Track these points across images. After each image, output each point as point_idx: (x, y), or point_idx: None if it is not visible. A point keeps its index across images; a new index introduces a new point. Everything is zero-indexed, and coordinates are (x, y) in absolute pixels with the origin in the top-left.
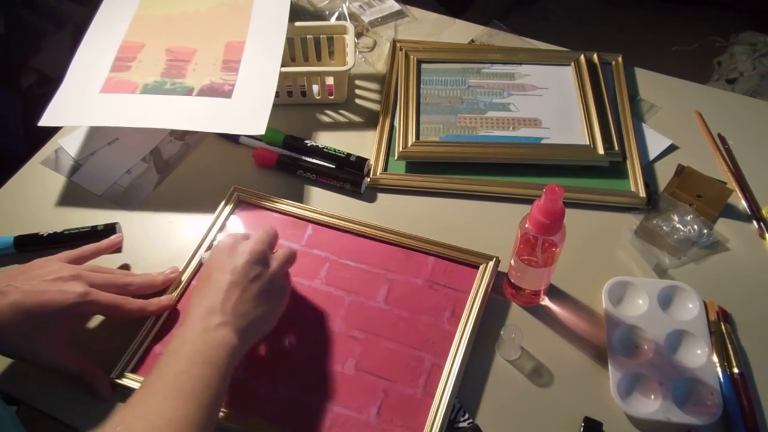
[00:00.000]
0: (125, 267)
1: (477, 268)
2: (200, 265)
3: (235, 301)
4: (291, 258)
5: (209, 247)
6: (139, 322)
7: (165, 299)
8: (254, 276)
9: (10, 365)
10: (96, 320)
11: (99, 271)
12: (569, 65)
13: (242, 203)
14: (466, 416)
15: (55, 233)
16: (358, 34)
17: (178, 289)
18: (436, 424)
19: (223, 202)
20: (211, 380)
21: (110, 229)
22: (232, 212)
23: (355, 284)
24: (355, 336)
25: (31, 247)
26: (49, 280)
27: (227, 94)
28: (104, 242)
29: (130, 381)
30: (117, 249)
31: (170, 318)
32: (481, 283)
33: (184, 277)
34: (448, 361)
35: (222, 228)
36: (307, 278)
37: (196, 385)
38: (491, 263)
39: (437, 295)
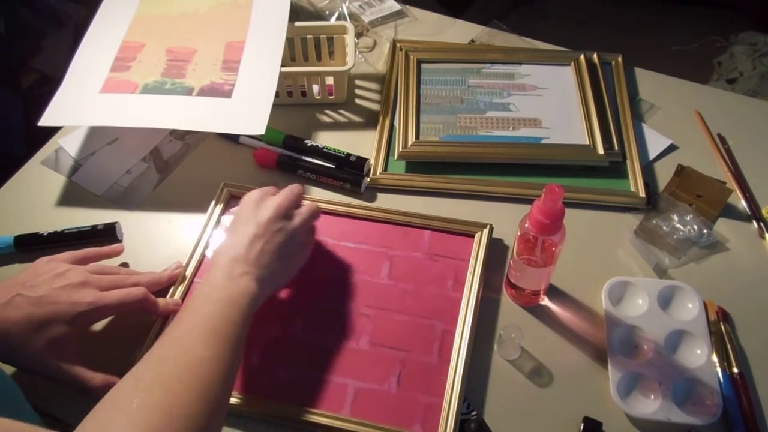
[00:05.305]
0: (125, 267)
1: (472, 236)
2: (201, 261)
3: (257, 252)
4: (314, 213)
5: (206, 246)
6: (146, 326)
7: (172, 304)
8: (277, 230)
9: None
10: (102, 324)
11: (105, 272)
12: (569, 65)
13: (234, 198)
14: (471, 409)
15: (56, 232)
16: (358, 34)
17: (183, 285)
18: (456, 385)
19: (213, 201)
20: (237, 324)
21: (110, 228)
22: (225, 209)
23: (358, 264)
24: (365, 313)
25: (32, 246)
26: (58, 287)
27: (227, 94)
28: (107, 248)
29: None
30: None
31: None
32: (479, 249)
33: (188, 272)
34: (458, 326)
35: (217, 224)
36: (309, 263)
37: (225, 326)
38: (485, 230)
39: (438, 265)
